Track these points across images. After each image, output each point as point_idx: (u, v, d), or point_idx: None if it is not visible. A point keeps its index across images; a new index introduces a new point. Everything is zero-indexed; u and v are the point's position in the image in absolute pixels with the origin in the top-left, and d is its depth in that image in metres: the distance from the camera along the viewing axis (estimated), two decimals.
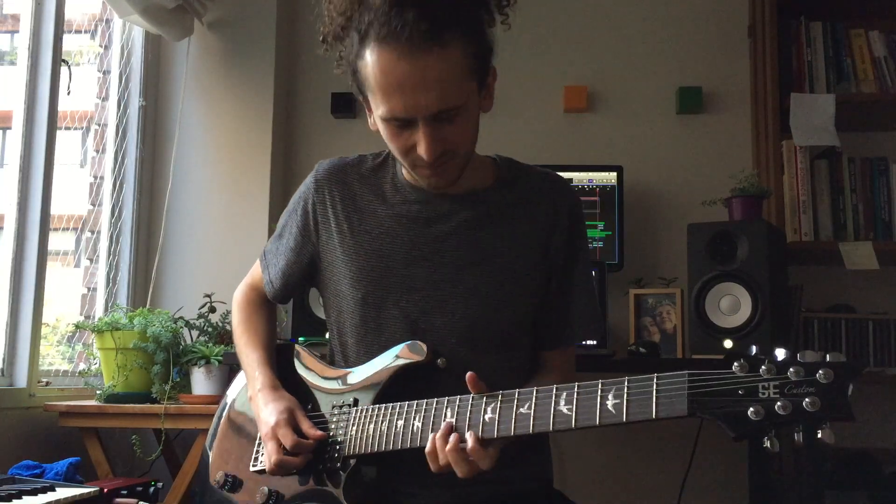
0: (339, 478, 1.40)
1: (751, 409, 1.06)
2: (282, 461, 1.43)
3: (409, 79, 1.31)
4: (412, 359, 1.43)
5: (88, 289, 3.06)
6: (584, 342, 2.63)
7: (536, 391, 1.26)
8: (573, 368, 1.62)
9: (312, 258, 1.61)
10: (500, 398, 1.28)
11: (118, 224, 3.10)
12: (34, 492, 1.79)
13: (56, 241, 2.78)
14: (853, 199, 2.93)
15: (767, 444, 1.06)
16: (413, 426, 1.34)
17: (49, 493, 1.82)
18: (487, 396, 1.30)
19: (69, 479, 2.14)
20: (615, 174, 3.00)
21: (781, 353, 1.07)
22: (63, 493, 1.83)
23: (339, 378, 1.52)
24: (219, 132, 3.23)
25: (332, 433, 1.44)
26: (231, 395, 1.70)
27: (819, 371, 1.04)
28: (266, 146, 3.20)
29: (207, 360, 2.59)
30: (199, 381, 2.60)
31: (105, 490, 2.09)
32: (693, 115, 3.22)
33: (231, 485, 1.54)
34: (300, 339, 2.56)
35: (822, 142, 2.87)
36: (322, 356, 1.63)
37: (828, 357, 1.05)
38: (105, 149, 3.13)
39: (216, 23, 3.25)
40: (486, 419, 1.28)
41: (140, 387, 2.62)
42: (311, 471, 1.44)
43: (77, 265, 3.07)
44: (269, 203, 3.16)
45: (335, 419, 1.45)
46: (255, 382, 1.55)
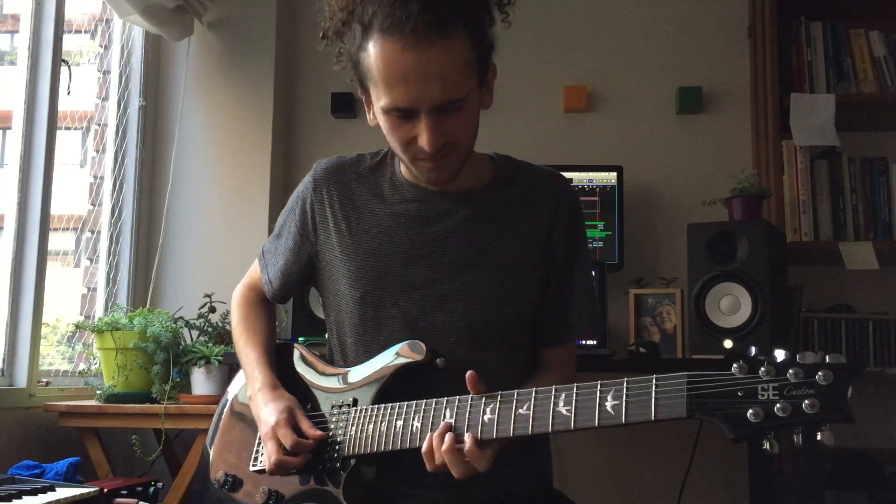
0: (339, 477, 1.40)
1: (750, 411, 1.06)
2: (282, 461, 1.42)
3: (414, 69, 1.32)
4: (412, 358, 1.43)
5: (88, 289, 3.06)
6: (584, 342, 2.64)
7: (535, 392, 1.25)
8: (573, 367, 1.62)
9: (311, 258, 1.61)
10: (499, 399, 1.28)
11: (118, 224, 3.10)
12: (34, 492, 1.79)
13: (56, 241, 2.78)
14: (853, 199, 2.93)
15: (767, 446, 1.06)
16: (412, 426, 1.34)
17: (49, 493, 1.82)
18: (486, 397, 1.29)
19: (69, 479, 2.14)
20: (615, 174, 3.00)
21: (781, 355, 1.07)
22: (63, 493, 1.83)
23: (339, 377, 1.52)
24: (219, 132, 3.22)
25: (332, 433, 1.44)
26: (231, 394, 1.69)
27: (818, 373, 1.04)
28: (266, 146, 3.20)
29: (207, 360, 2.59)
30: (199, 381, 2.60)
31: (105, 490, 2.09)
32: (693, 115, 3.22)
33: (231, 484, 1.54)
34: (300, 339, 2.56)
35: (822, 142, 2.87)
36: (321, 355, 1.62)
37: (827, 358, 1.04)
38: (105, 149, 3.13)
39: (216, 23, 3.25)
40: (485, 420, 1.28)
41: (140, 387, 2.62)
42: (311, 470, 1.44)
43: (77, 265, 3.07)
44: (269, 203, 3.16)
45: (334, 419, 1.45)
46: (255, 382, 1.55)
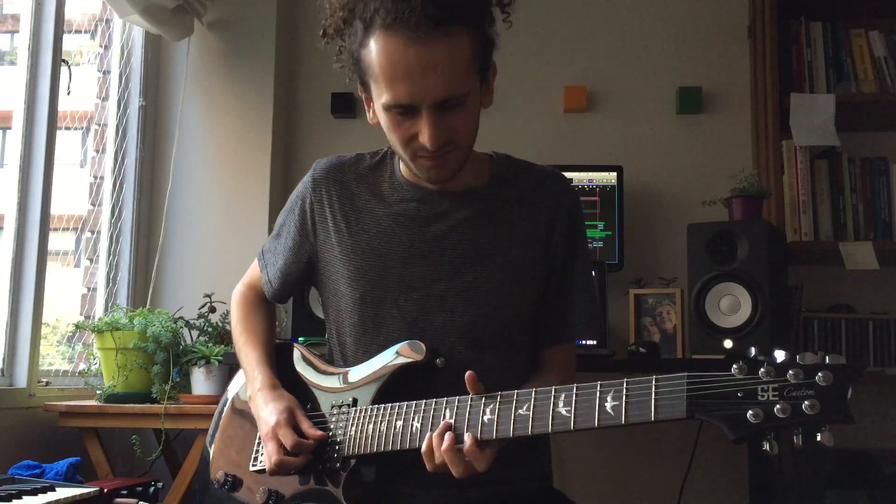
0: (339, 477, 1.40)
1: (750, 412, 1.06)
2: (282, 461, 1.42)
3: (417, 65, 1.32)
4: (411, 358, 1.43)
5: (88, 289, 3.06)
6: (584, 342, 2.64)
7: (535, 392, 1.25)
8: (573, 366, 1.62)
9: (310, 258, 1.61)
10: (499, 399, 1.28)
11: (118, 224, 3.10)
12: (34, 492, 1.79)
13: (56, 241, 2.78)
14: (853, 199, 2.92)
15: (767, 447, 1.06)
16: (412, 427, 1.34)
17: (49, 493, 1.81)
18: (486, 397, 1.29)
19: (69, 479, 2.14)
20: (615, 174, 3.00)
21: (781, 355, 1.07)
22: (63, 493, 1.83)
23: (338, 377, 1.52)
24: (219, 132, 3.22)
25: (332, 433, 1.44)
26: (231, 394, 1.69)
27: (818, 374, 1.04)
28: (266, 146, 3.20)
29: (207, 360, 2.59)
30: (199, 381, 2.60)
31: (105, 490, 2.09)
32: (693, 115, 3.22)
33: (231, 484, 1.54)
34: (300, 339, 2.56)
35: (822, 142, 2.87)
36: (321, 355, 1.62)
37: (827, 359, 1.04)
38: (105, 149, 3.13)
39: (216, 23, 3.24)
40: (485, 420, 1.28)
41: (140, 387, 2.62)
42: (311, 470, 1.44)
43: (77, 265, 3.07)
44: (269, 203, 3.16)
45: (334, 419, 1.45)
46: (255, 382, 1.55)
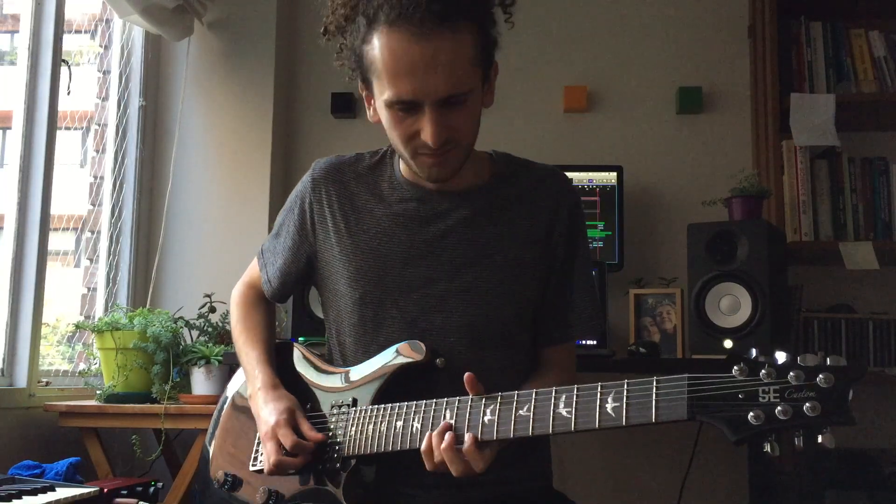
0: (339, 478, 1.40)
1: (751, 414, 1.06)
2: (281, 461, 1.42)
3: (420, 61, 1.31)
4: (411, 358, 1.43)
5: (88, 289, 3.06)
6: (584, 342, 2.64)
7: (535, 393, 1.25)
8: (573, 365, 1.61)
9: (310, 258, 1.61)
10: (500, 400, 1.28)
11: (118, 224, 3.10)
12: (34, 492, 1.79)
13: (56, 241, 2.78)
14: (853, 199, 2.92)
15: (768, 449, 1.06)
16: (412, 427, 1.34)
17: (49, 493, 1.81)
18: (486, 398, 1.29)
19: (69, 479, 2.14)
20: (615, 174, 3.00)
21: (782, 357, 1.06)
22: (63, 493, 1.82)
23: (338, 376, 1.52)
24: (219, 132, 3.22)
25: (332, 433, 1.44)
26: (230, 392, 1.69)
27: (819, 375, 1.04)
28: (266, 146, 3.20)
29: (207, 360, 2.58)
30: (199, 381, 2.60)
31: (105, 490, 2.08)
32: (693, 115, 3.22)
33: (231, 484, 1.54)
34: (300, 339, 2.56)
35: (822, 142, 2.87)
36: (320, 355, 1.62)
37: (828, 361, 1.04)
38: (105, 149, 3.13)
39: (216, 23, 3.24)
40: (486, 421, 1.27)
41: (140, 387, 2.62)
42: (311, 470, 1.44)
43: (77, 265, 3.07)
44: (269, 203, 3.16)
45: (334, 419, 1.45)
46: (255, 381, 1.55)
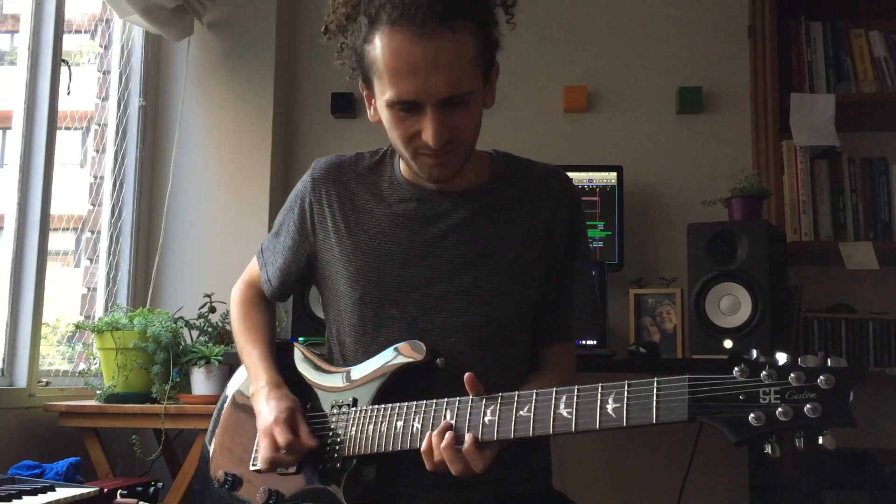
0: (340, 478, 1.40)
1: (752, 415, 1.06)
2: (273, 458, 1.43)
3: (422, 61, 1.31)
4: (412, 357, 1.43)
5: (88, 289, 3.06)
6: (584, 342, 2.64)
7: (536, 394, 1.25)
8: (573, 365, 1.61)
9: (310, 257, 1.61)
10: (500, 400, 1.28)
11: (118, 224, 3.09)
12: (34, 492, 1.79)
13: (56, 241, 2.78)
14: (853, 199, 2.93)
15: (768, 450, 1.06)
16: (412, 427, 1.34)
17: (49, 493, 1.81)
18: (487, 398, 1.29)
19: (69, 479, 2.14)
20: (615, 174, 3.00)
21: (782, 358, 1.06)
22: (63, 493, 1.82)
23: (339, 376, 1.52)
24: (219, 132, 3.22)
25: (332, 433, 1.44)
26: (230, 392, 1.69)
27: (820, 377, 1.04)
28: (266, 146, 3.19)
29: (207, 360, 2.58)
30: (199, 381, 2.59)
31: (105, 490, 2.08)
32: (693, 115, 3.22)
33: (231, 483, 1.54)
34: (300, 339, 2.56)
35: (822, 142, 2.87)
36: (320, 354, 1.62)
37: (829, 362, 1.04)
38: (105, 149, 3.12)
39: (216, 23, 3.24)
40: (486, 421, 1.28)
41: (140, 387, 2.62)
42: (312, 470, 1.44)
43: (77, 265, 3.07)
44: (269, 203, 3.15)
45: (335, 419, 1.45)
46: (259, 380, 1.55)
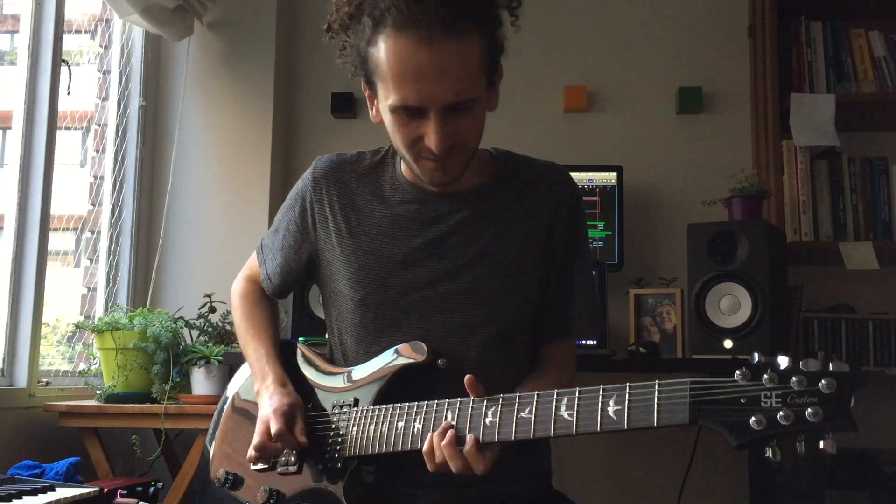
0: (340, 478, 1.40)
1: (753, 419, 1.06)
2: (263, 444, 1.43)
3: (427, 67, 1.30)
4: (413, 358, 1.43)
5: (88, 289, 3.06)
6: (585, 342, 2.64)
7: (537, 395, 1.25)
8: (573, 364, 1.61)
9: (311, 256, 1.61)
10: (501, 402, 1.28)
11: (118, 224, 3.09)
12: (34, 492, 1.79)
13: (56, 241, 2.78)
14: (853, 199, 2.93)
15: (769, 454, 1.06)
16: (413, 428, 1.34)
17: (49, 493, 1.81)
18: (488, 400, 1.29)
19: (69, 479, 2.14)
20: (615, 174, 3.00)
21: (784, 362, 1.06)
22: (63, 493, 1.83)
23: (340, 376, 1.52)
24: (219, 132, 3.22)
25: (333, 433, 1.44)
26: (231, 392, 1.69)
27: (822, 381, 1.03)
28: (266, 146, 3.19)
29: (207, 360, 2.58)
30: (199, 381, 2.59)
31: (105, 490, 2.08)
32: (693, 115, 3.22)
33: (232, 483, 1.54)
34: (300, 339, 2.56)
35: (822, 142, 2.87)
36: (322, 354, 1.62)
37: (831, 366, 1.04)
38: (105, 149, 3.12)
39: (216, 23, 3.24)
40: (487, 423, 1.28)
41: (140, 387, 2.62)
42: (312, 470, 1.44)
43: (77, 265, 3.07)
44: (269, 203, 3.15)
45: (336, 418, 1.45)
46: (266, 377, 1.54)
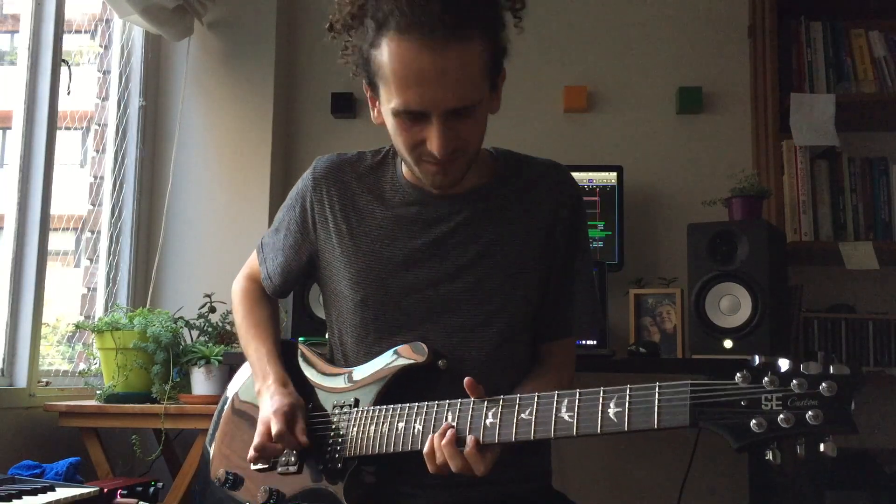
0: (341, 478, 1.40)
1: (753, 422, 1.05)
2: (263, 445, 1.43)
3: (430, 72, 1.30)
4: (413, 359, 1.43)
5: (88, 289, 3.06)
6: (585, 342, 2.64)
7: (538, 397, 1.25)
8: (573, 363, 1.61)
9: (311, 256, 1.61)
10: (501, 403, 1.28)
11: (118, 224, 3.09)
12: (34, 492, 1.79)
13: (56, 241, 2.78)
14: (853, 199, 2.93)
15: (770, 457, 1.06)
16: (414, 429, 1.34)
17: (49, 493, 1.81)
18: (488, 401, 1.29)
19: (69, 479, 2.14)
20: (615, 174, 3.00)
21: (785, 364, 1.06)
22: (63, 493, 1.83)
23: (341, 377, 1.52)
24: (219, 132, 3.22)
25: (334, 433, 1.44)
26: (231, 392, 1.69)
27: (822, 384, 1.03)
28: (266, 146, 3.19)
29: (207, 360, 2.58)
30: (199, 381, 2.60)
31: (105, 490, 2.09)
32: (693, 115, 3.22)
33: (232, 483, 1.54)
34: (300, 339, 2.56)
35: (822, 142, 2.87)
36: (322, 354, 1.63)
37: (831, 369, 1.04)
38: (105, 149, 3.12)
39: (216, 23, 3.24)
40: (488, 424, 1.28)
41: (140, 387, 2.62)
42: (313, 470, 1.44)
43: (77, 265, 3.07)
44: (269, 203, 3.15)
45: (336, 419, 1.45)
46: (268, 377, 1.54)
